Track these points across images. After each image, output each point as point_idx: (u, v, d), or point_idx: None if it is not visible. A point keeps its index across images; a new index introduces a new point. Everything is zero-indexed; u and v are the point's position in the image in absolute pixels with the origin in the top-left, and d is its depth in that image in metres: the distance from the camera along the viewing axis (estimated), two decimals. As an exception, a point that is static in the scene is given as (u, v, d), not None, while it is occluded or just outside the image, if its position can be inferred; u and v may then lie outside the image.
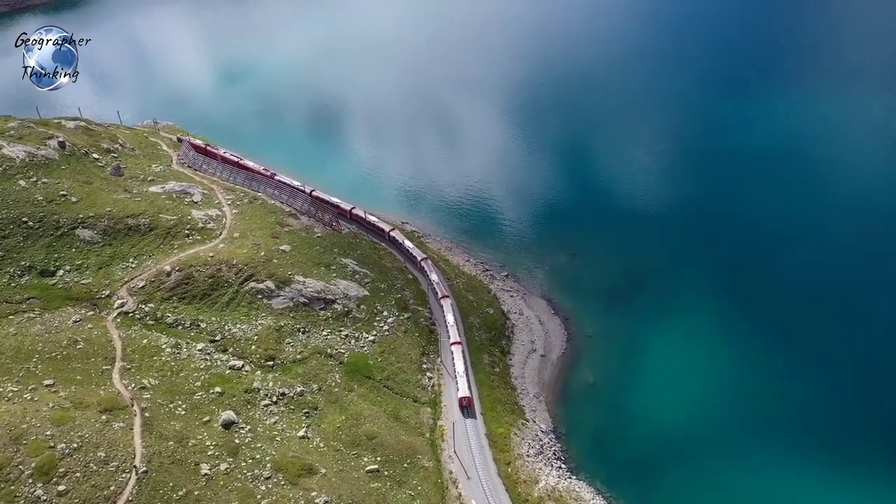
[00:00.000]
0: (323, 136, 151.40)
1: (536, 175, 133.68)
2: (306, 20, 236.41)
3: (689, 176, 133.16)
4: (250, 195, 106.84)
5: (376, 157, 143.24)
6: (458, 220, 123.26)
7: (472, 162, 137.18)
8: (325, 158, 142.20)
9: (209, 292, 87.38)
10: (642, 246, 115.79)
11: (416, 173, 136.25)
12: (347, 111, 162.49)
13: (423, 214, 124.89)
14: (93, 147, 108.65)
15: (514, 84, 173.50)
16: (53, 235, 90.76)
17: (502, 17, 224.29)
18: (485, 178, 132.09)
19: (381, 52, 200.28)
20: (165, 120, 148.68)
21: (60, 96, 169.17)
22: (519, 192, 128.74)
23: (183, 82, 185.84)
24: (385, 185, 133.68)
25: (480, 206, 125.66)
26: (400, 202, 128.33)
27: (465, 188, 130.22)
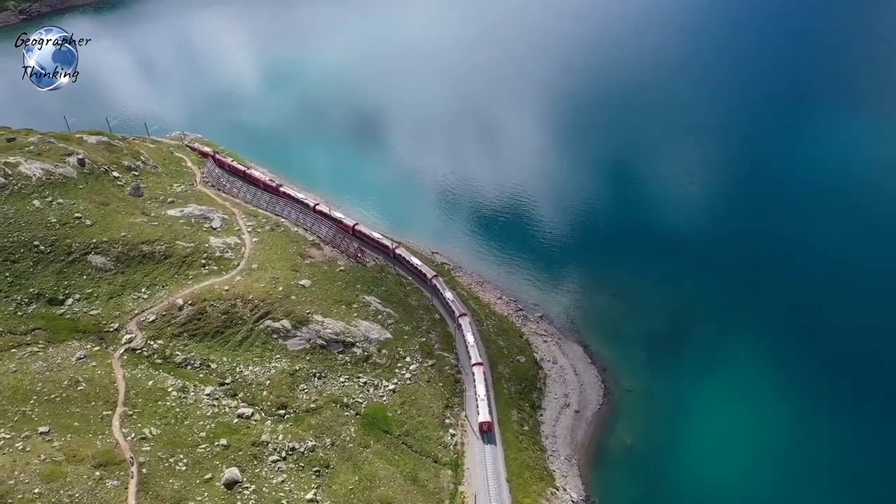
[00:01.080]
0: (356, 153, 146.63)
1: (575, 203, 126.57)
2: (350, 25, 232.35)
3: (744, 208, 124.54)
4: (272, 221, 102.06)
5: (411, 177, 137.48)
6: (491, 250, 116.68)
7: (509, 186, 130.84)
8: (357, 176, 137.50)
9: (222, 329, 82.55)
10: (689, 286, 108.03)
11: (450, 196, 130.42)
12: (383, 126, 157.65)
13: (455, 242, 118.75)
14: (113, 164, 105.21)
15: (555, 99, 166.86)
16: (65, 261, 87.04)
17: (548, 25, 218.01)
18: (521, 205, 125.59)
19: (422, 60, 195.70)
20: (195, 132, 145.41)
21: (90, 106, 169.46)
22: (556, 221, 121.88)
23: (217, 90, 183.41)
24: (418, 207, 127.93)
25: (515, 236, 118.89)
26: (432, 227, 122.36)
27: (500, 215, 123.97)
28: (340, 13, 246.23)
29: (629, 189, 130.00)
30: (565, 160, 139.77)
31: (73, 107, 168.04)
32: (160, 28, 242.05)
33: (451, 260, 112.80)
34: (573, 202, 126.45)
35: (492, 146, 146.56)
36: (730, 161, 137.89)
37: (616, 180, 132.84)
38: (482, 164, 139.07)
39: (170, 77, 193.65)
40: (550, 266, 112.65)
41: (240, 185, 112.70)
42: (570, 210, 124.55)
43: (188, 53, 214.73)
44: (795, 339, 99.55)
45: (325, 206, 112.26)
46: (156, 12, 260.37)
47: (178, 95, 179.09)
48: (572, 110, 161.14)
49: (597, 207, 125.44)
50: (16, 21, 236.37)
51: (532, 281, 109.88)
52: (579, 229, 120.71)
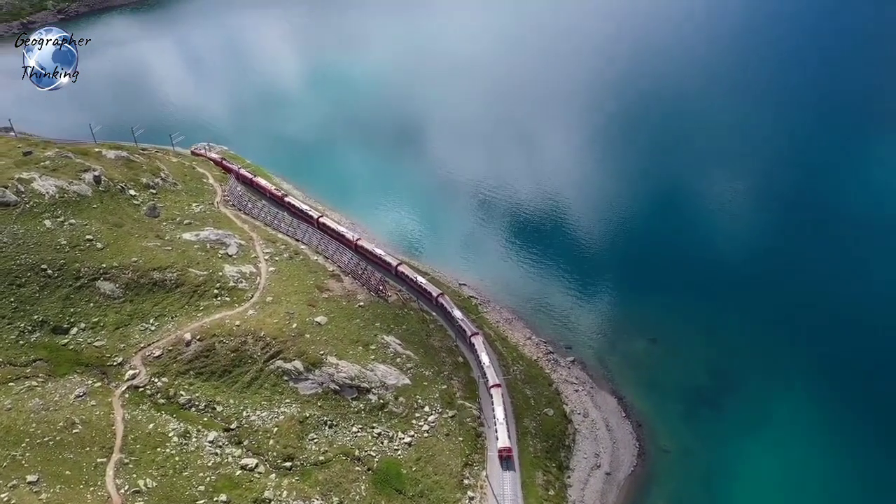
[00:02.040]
0: (387, 170, 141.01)
1: (615, 234, 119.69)
2: (389, 32, 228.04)
3: (801, 245, 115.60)
4: (292, 248, 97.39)
5: (441, 199, 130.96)
6: (522, 282, 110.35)
7: (543, 212, 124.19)
8: (387, 196, 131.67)
9: (230, 369, 78.02)
10: (737, 332, 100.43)
11: (481, 222, 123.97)
12: (417, 140, 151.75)
13: (484, 272, 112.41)
14: (131, 182, 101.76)
15: (596, 116, 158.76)
16: (72, 287, 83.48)
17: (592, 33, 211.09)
18: (555, 235, 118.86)
19: (461, 70, 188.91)
20: (221, 144, 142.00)
21: (119, 111, 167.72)
22: (593, 253, 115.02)
23: (248, 97, 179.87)
24: (447, 233, 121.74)
25: (548, 268, 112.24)
26: (460, 255, 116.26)
27: (533, 244, 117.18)
28: (380, 20, 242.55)
29: (673, 220, 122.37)
30: (606, 186, 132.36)
31: (102, 112, 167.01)
32: (196, 31, 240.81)
33: (478, 293, 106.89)
34: (612, 232, 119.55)
35: (528, 166, 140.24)
36: (788, 191, 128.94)
37: (659, 209, 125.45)
38: (516, 187, 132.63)
39: (201, 83, 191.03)
40: (585, 303, 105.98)
41: (261, 206, 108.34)
42: (608, 241, 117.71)
43: (221, 58, 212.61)
44: (852, 398, 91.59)
45: (349, 231, 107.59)
46: (193, 14, 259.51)
47: (208, 102, 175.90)
48: (615, 129, 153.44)
49: (638, 239, 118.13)
50: (53, 21, 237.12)
51: (565, 319, 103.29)
52: (618, 263, 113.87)
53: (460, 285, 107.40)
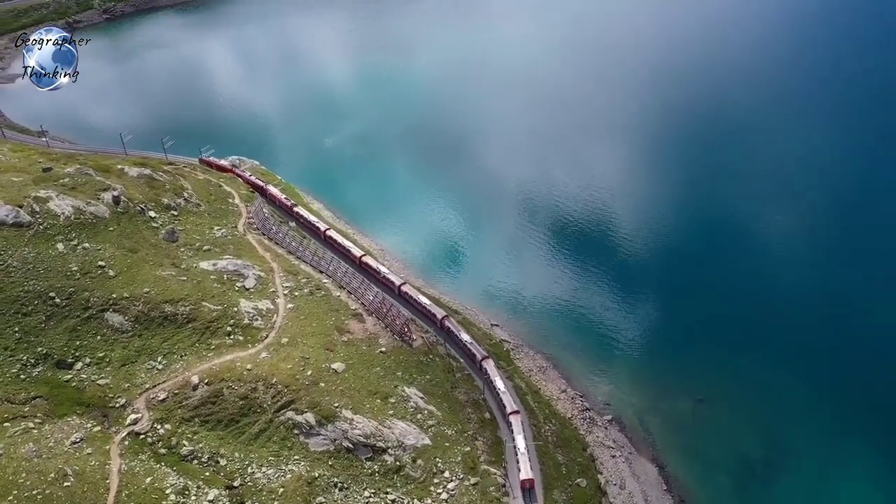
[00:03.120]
0: (426, 191, 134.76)
1: (663, 281, 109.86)
2: (439, 40, 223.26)
3: (882, 300, 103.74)
4: (313, 282, 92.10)
5: (481, 228, 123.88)
6: (559, 327, 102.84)
7: (587, 252, 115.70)
8: (423, 222, 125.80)
9: (238, 418, 72.87)
10: (796, 397, 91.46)
11: (521, 257, 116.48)
12: (459, 157, 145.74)
13: (520, 313, 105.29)
14: (151, 202, 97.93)
15: (651, 137, 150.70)
16: (79, 318, 79.49)
17: (655, 44, 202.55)
18: (598, 278, 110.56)
19: (510, 77, 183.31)
20: (253, 159, 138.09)
21: (154, 117, 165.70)
22: (639, 300, 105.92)
23: (288, 107, 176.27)
24: (483, 266, 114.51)
25: (589, 312, 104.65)
26: (494, 292, 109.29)
27: (574, 285, 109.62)
28: (428, 26, 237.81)
29: (729, 262, 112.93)
30: (656, 221, 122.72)
31: (136, 118, 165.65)
32: (238, 34, 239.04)
33: (512, 335, 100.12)
34: (660, 276, 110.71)
35: (573, 196, 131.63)
36: (868, 234, 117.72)
37: (714, 250, 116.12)
38: (558, 220, 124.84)
39: (238, 90, 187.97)
40: (627, 352, 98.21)
41: (285, 231, 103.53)
42: (655, 285, 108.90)
43: (262, 65, 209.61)
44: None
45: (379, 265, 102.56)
46: (237, 17, 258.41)
47: (244, 112, 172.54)
48: (668, 155, 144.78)
49: (688, 284, 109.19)
50: (99, 20, 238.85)
51: (604, 370, 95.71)
52: (665, 309, 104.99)
53: (492, 326, 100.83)
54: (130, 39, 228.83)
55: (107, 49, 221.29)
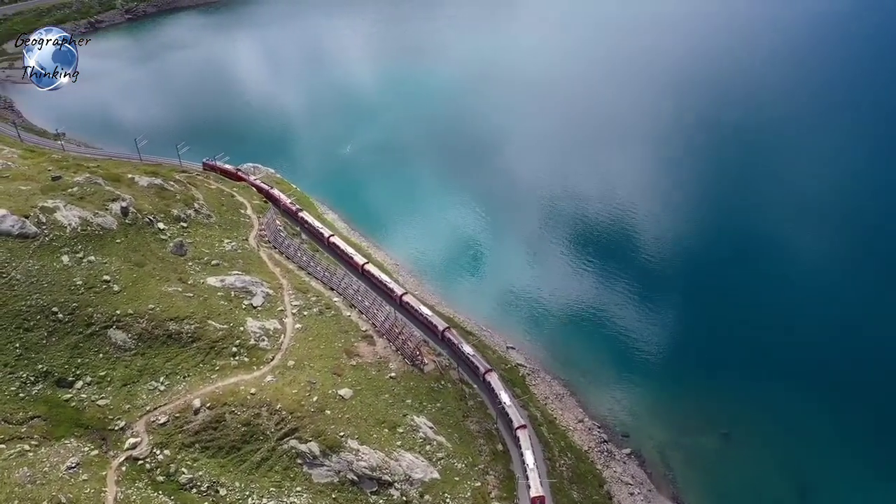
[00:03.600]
0: (443, 203, 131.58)
1: (690, 307, 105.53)
2: (466, 43, 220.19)
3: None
4: (323, 301, 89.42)
5: (498, 243, 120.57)
6: (578, 350, 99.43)
7: (610, 272, 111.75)
8: (440, 234, 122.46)
9: (239, 445, 70.31)
10: (829, 434, 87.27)
11: (539, 274, 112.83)
12: (479, 166, 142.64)
13: (537, 334, 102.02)
14: (161, 213, 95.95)
15: (681, 150, 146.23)
16: (82, 334, 77.48)
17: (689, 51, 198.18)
18: (620, 300, 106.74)
19: (539, 85, 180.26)
20: (269, 166, 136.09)
21: (170, 121, 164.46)
22: (663, 326, 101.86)
23: (308, 111, 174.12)
24: (502, 284, 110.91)
25: (610, 336, 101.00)
26: (514, 312, 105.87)
27: (595, 306, 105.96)
28: (454, 31, 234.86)
29: (760, 287, 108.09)
30: (685, 242, 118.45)
31: (153, 121, 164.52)
32: (260, 37, 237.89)
33: (528, 359, 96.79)
34: (687, 301, 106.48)
35: (598, 211, 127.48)
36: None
37: (744, 273, 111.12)
38: (581, 236, 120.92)
39: (257, 94, 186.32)
40: (649, 381, 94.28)
41: (297, 245, 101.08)
42: (681, 311, 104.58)
43: (282, 68, 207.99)
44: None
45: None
46: (260, 18, 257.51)
47: (261, 117, 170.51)
48: (698, 169, 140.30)
49: (716, 311, 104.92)
50: (121, 20, 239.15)
51: (624, 399, 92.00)
52: (690, 334, 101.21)
53: (508, 348, 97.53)
54: (152, 40, 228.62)
55: (128, 49, 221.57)
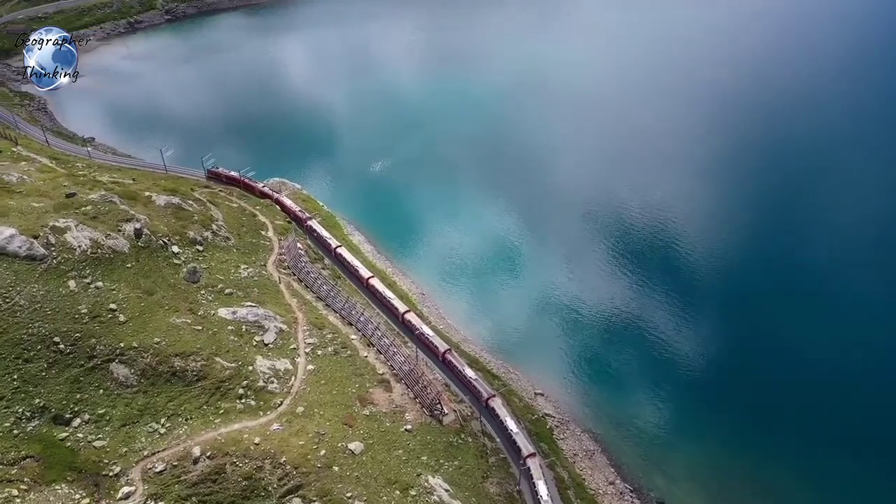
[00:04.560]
0: (481, 231, 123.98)
1: (742, 355, 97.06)
2: (513, 48, 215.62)
3: None
4: (339, 339, 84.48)
5: (535, 280, 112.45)
6: (613, 400, 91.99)
7: (651, 316, 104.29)
8: (473, 266, 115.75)
9: (239, 501, 65.59)
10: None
11: (577, 316, 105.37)
12: (522, 193, 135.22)
13: (569, 380, 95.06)
14: (176, 235, 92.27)
15: (740, 181, 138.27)
16: (83, 367, 73.83)
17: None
18: (663, 347, 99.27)
19: (586, 97, 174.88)
20: (296, 182, 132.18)
21: (198, 130, 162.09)
22: (711, 377, 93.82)
23: (342, 124, 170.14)
24: (534, 324, 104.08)
25: (650, 384, 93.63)
26: (545, 354, 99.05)
27: (635, 351, 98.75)
28: (501, 37, 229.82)
29: (824, 331, 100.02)
30: (739, 278, 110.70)
31: (183, 128, 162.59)
32: (298, 40, 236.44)
33: (557, 409, 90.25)
34: (737, 349, 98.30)
35: (648, 242, 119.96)
36: None
37: (810, 317, 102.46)
38: (628, 272, 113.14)
39: (291, 103, 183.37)
40: (691, 442, 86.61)
41: (317, 273, 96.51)
42: (731, 360, 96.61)
43: (319, 75, 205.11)
44: None
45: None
46: (298, 21, 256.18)
47: (293, 128, 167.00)
48: (756, 196, 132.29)
49: (772, 359, 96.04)
50: (160, 21, 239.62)
51: (661, 461, 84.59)
52: (741, 390, 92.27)
53: (536, 395, 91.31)
54: (189, 42, 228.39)
55: (165, 51, 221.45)
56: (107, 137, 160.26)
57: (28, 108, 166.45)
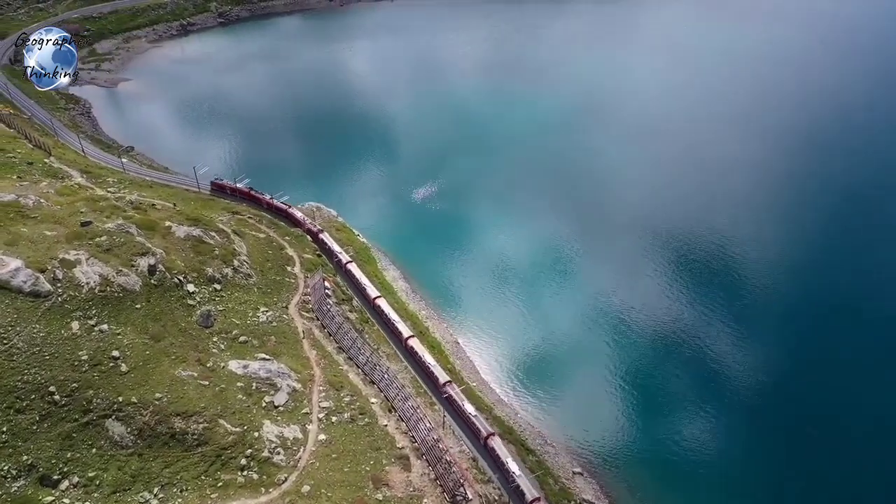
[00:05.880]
0: (531, 274, 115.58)
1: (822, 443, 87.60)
2: (590, 59, 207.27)
3: None
4: (358, 403, 77.35)
5: (586, 331, 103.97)
6: (662, 487, 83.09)
7: (721, 385, 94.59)
8: (515, 316, 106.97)
9: None
10: None
11: (630, 383, 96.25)
12: (582, 230, 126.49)
13: (613, 461, 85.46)
14: (193, 272, 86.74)
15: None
16: (77, 422, 68.54)
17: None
18: (718, 422, 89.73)
19: (659, 120, 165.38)
20: (332, 208, 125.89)
21: (232, 147, 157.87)
22: (776, 463, 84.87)
23: (392, 142, 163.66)
24: (580, 388, 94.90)
25: (702, 472, 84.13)
26: (590, 429, 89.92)
27: (685, 431, 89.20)
28: (570, 50, 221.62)
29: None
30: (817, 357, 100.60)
31: (222, 141, 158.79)
32: (351, 48, 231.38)
33: (597, 494, 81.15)
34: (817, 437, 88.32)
35: (720, 306, 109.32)
36: None
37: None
38: (697, 337, 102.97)
39: (338, 117, 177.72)
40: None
41: (342, 319, 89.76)
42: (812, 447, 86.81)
43: (371, 87, 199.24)
44: None
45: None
46: (353, 28, 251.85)
47: (339, 146, 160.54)
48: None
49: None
50: (213, 24, 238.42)
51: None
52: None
53: (574, 474, 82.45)
54: (239, 47, 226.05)
55: (214, 57, 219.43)
56: (147, 146, 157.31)
57: (71, 113, 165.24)
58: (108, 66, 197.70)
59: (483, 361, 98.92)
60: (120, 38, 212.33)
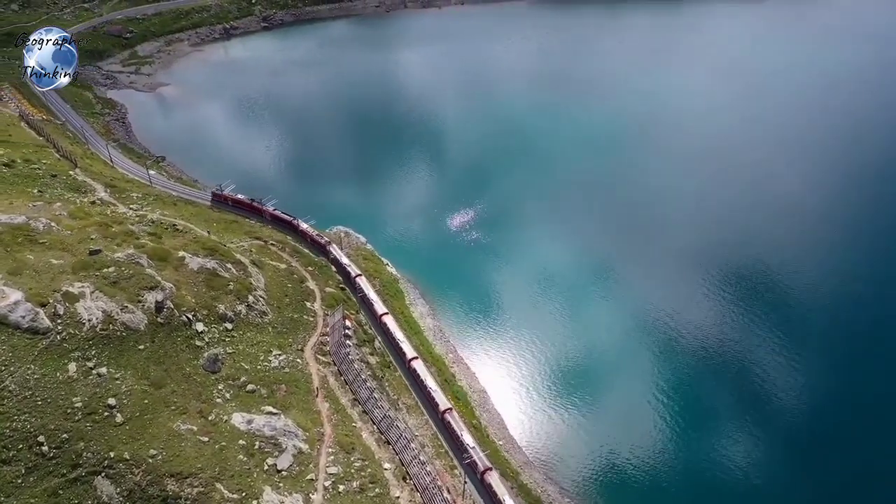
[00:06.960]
0: (572, 316, 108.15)
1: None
2: (647, 74, 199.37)
3: None
4: (369, 470, 71.11)
5: (632, 387, 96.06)
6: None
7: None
8: (549, 365, 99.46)
9: None
10: None
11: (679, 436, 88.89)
12: (631, 265, 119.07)
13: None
14: (204, 309, 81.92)
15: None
16: (65, 477, 63.95)
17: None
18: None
19: (715, 141, 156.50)
20: (361, 234, 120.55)
21: (263, 164, 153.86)
22: None
23: (432, 161, 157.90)
24: (614, 445, 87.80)
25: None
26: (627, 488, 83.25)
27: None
28: (627, 64, 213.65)
29: None
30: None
31: (254, 156, 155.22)
32: (394, 57, 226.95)
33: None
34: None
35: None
36: None
37: None
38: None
39: (377, 131, 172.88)
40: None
41: (360, 366, 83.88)
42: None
43: (412, 100, 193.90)
44: None
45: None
46: (397, 36, 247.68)
47: (374, 162, 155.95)
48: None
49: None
50: (256, 28, 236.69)
51: None
52: None
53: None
54: (282, 52, 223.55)
55: (256, 62, 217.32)
56: (178, 156, 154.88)
57: (106, 119, 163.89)
58: (147, 69, 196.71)
59: (512, 416, 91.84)
60: (162, 41, 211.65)
